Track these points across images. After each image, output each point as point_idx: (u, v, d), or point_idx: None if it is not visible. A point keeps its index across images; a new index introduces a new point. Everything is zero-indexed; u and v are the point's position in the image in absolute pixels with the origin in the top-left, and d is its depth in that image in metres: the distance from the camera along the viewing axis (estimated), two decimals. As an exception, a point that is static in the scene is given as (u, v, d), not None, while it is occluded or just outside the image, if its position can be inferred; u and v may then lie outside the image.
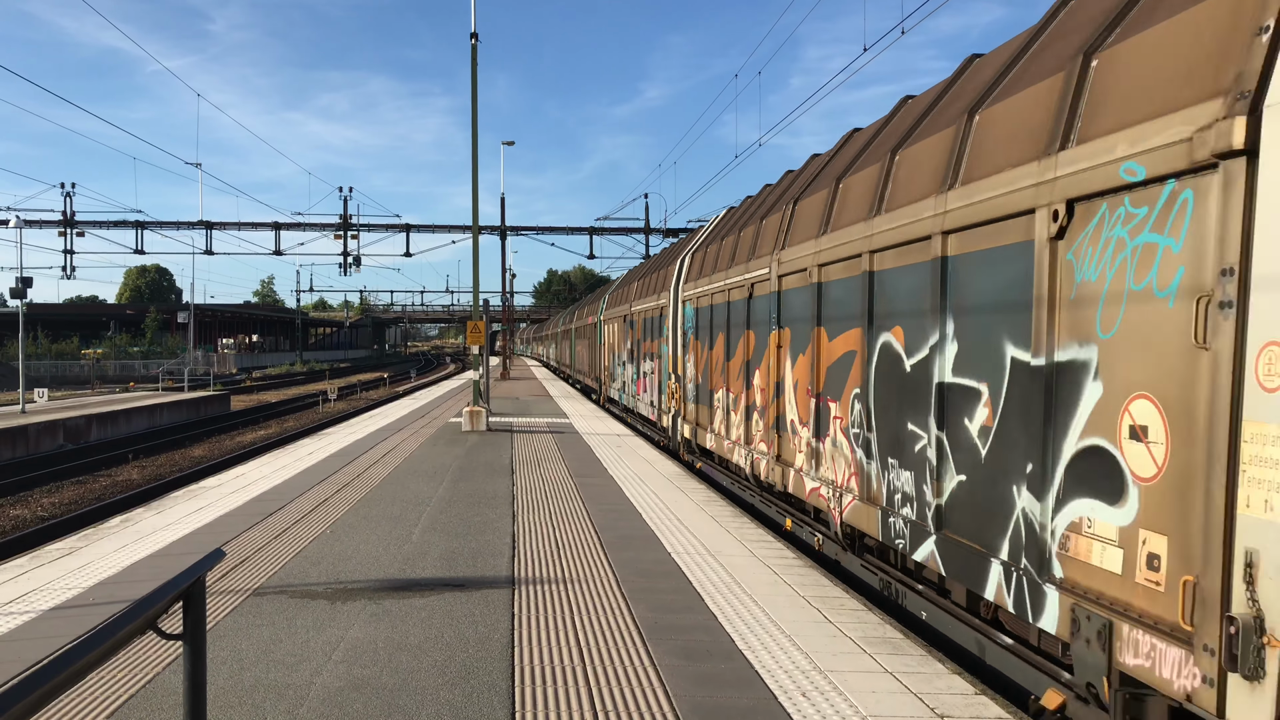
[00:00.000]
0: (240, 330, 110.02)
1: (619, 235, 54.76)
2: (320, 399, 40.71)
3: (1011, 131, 6.16)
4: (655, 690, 5.58)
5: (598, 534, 10.12)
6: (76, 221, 52.36)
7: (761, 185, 16.28)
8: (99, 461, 22.88)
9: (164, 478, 20.84)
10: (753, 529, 10.50)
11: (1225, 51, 4.30)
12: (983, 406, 6.25)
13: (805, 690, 5.57)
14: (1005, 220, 5.99)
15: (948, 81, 8.31)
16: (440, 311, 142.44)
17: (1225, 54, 4.30)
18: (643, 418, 23.40)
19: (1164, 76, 4.71)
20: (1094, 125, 5.23)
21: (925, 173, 7.34)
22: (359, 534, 10.05)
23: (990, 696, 5.52)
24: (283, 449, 18.86)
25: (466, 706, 5.31)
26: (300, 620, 6.94)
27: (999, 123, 6.40)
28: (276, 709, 5.27)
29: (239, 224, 55.36)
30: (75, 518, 15.78)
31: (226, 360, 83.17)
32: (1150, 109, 4.71)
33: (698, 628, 6.82)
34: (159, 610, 3.42)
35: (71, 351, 75.01)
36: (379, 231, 55.97)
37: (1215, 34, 4.41)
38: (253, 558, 8.98)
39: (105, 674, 5.79)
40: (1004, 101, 6.41)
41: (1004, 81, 6.68)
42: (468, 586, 7.91)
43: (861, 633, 6.71)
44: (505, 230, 49.96)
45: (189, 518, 11.14)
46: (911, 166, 7.66)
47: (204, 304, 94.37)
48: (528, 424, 23.68)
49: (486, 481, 13.88)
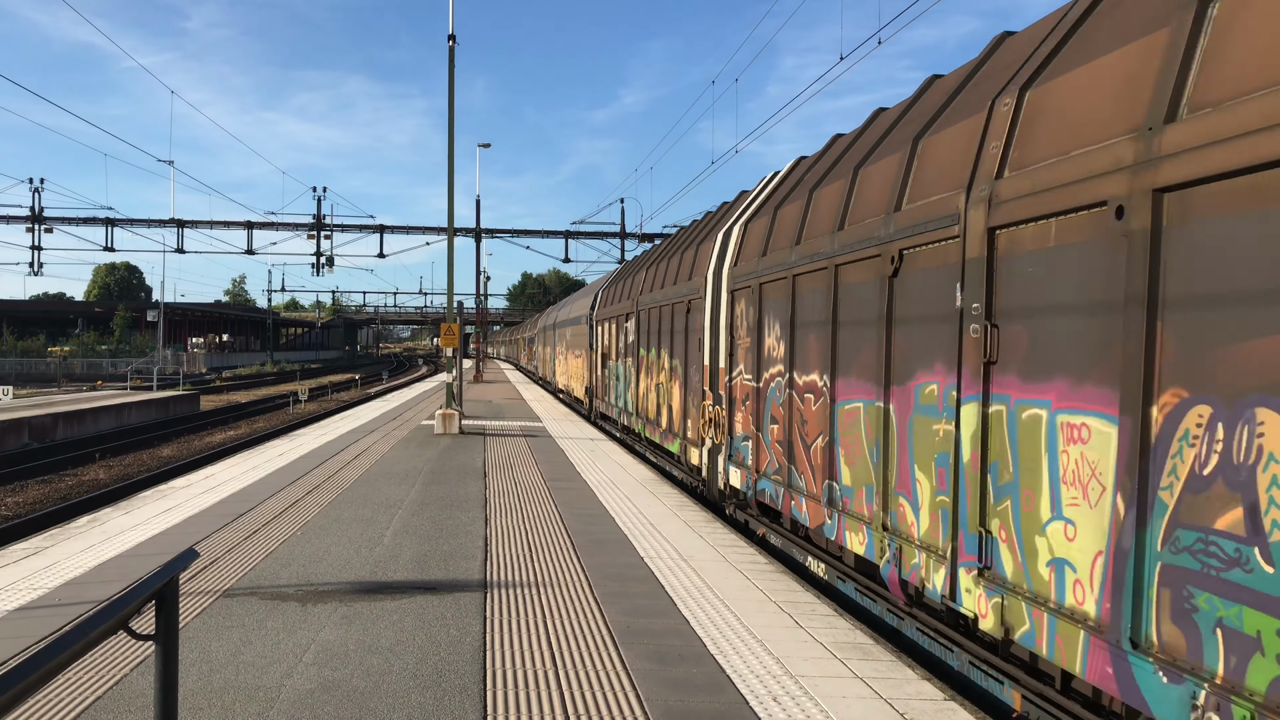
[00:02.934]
0: (211, 330, 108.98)
1: (594, 239, 54.69)
2: (291, 400, 40.41)
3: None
4: (627, 693, 5.60)
5: (570, 538, 10.12)
6: (45, 217, 51.66)
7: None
8: (65, 460, 22.58)
9: (132, 477, 20.60)
10: (725, 534, 10.54)
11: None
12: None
13: (776, 695, 5.61)
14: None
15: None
16: (413, 313, 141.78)
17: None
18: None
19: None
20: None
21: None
22: (330, 536, 10.00)
23: (959, 702, 5.58)
24: (253, 450, 18.71)
25: (438, 709, 5.31)
26: (271, 622, 6.90)
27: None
28: (247, 711, 5.24)
29: (211, 222, 54.74)
30: (41, 517, 15.57)
31: (196, 360, 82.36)
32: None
33: (670, 632, 6.84)
34: (131, 611, 3.41)
35: (38, 349, 74.03)
36: (353, 232, 55.53)
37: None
38: (223, 559, 8.91)
39: (73, 675, 5.73)
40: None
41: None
42: (440, 589, 7.90)
43: (832, 638, 6.76)
44: (480, 232, 49.80)
45: (158, 518, 11.04)
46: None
47: (174, 302, 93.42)
48: (501, 427, 23.63)
49: (459, 485, 13.84)
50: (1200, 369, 4.35)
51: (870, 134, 9.35)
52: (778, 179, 12.81)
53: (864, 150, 9.02)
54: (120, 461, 23.53)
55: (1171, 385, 4.52)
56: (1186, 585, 4.35)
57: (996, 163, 6.12)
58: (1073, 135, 5.41)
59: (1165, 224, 4.58)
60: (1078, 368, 5.23)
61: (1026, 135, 5.95)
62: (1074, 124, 5.44)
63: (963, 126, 6.83)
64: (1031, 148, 5.82)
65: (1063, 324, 5.39)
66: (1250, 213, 4.10)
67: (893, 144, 8.22)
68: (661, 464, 17.47)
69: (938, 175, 7.03)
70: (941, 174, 6.97)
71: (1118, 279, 4.88)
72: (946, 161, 6.97)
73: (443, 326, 22.93)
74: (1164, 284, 4.58)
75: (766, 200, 12.34)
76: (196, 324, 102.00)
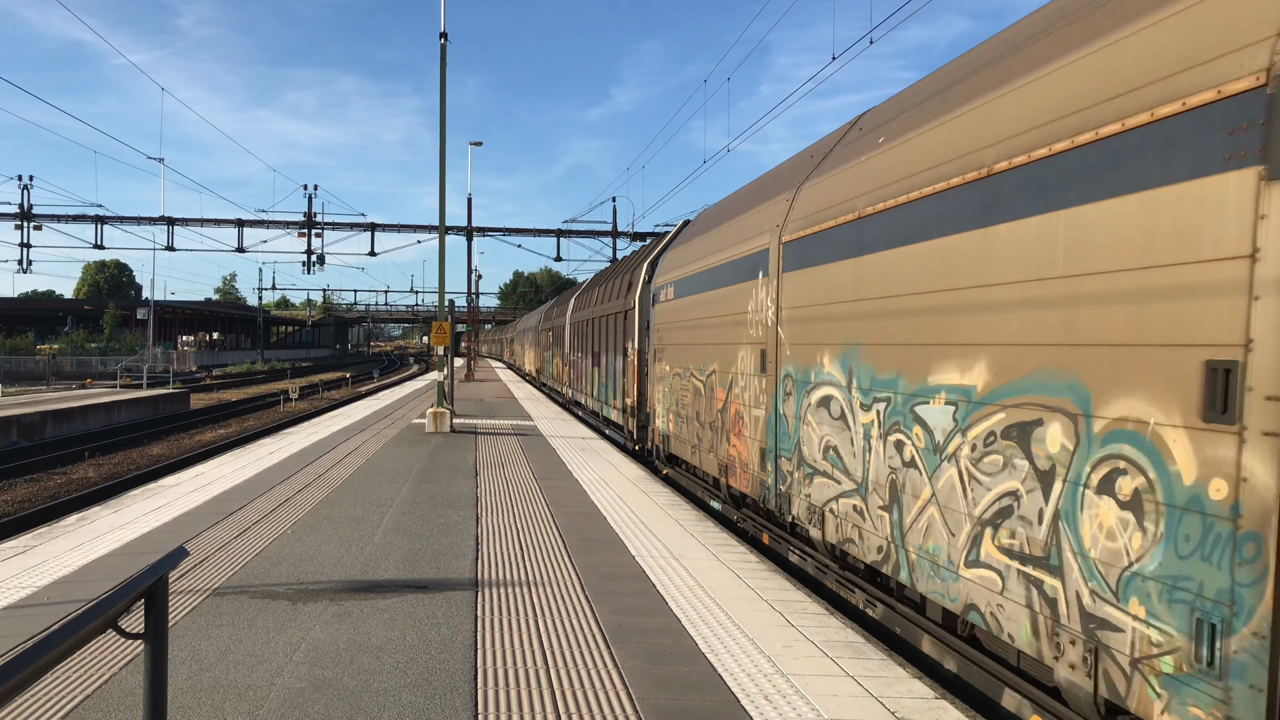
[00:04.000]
0: (201, 328, 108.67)
1: (586, 238, 54.68)
2: (281, 398, 40.32)
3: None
4: (619, 692, 5.59)
5: (562, 536, 10.11)
6: (34, 215, 51.41)
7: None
8: (54, 459, 22.49)
9: (121, 476, 20.52)
10: (717, 533, 10.54)
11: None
12: None
13: (767, 693, 5.61)
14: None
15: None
16: (404, 312, 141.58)
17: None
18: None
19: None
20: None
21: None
22: (321, 534, 9.97)
23: (950, 701, 5.58)
24: (243, 448, 18.65)
25: (429, 708, 5.29)
26: (261, 620, 6.87)
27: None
28: (237, 710, 5.22)
29: (201, 220, 54.59)
30: (29, 515, 15.49)
31: (186, 358, 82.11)
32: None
33: (661, 630, 6.84)
34: (120, 609, 3.38)
35: (26, 347, 73.72)
36: (343, 230, 55.45)
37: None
38: (213, 557, 8.88)
39: (61, 674, 5.70)
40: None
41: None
42: (431, 588, 7.88)
43: (823, 636, 6.76)
44: (472, 231, 49.69)
45: (147, 516, 10.99)
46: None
47: (164, 300, 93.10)
48: (492, 426, 23.60)
49: (450, 483, 13.82)
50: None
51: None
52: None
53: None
54: (109, 460, 23.44)
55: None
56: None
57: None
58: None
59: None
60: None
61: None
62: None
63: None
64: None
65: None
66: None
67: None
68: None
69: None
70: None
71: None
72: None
73: (434, 325, 22.89)
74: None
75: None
76: (187, 322, 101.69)
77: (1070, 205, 5.01)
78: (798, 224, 9.21)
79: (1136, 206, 4.52)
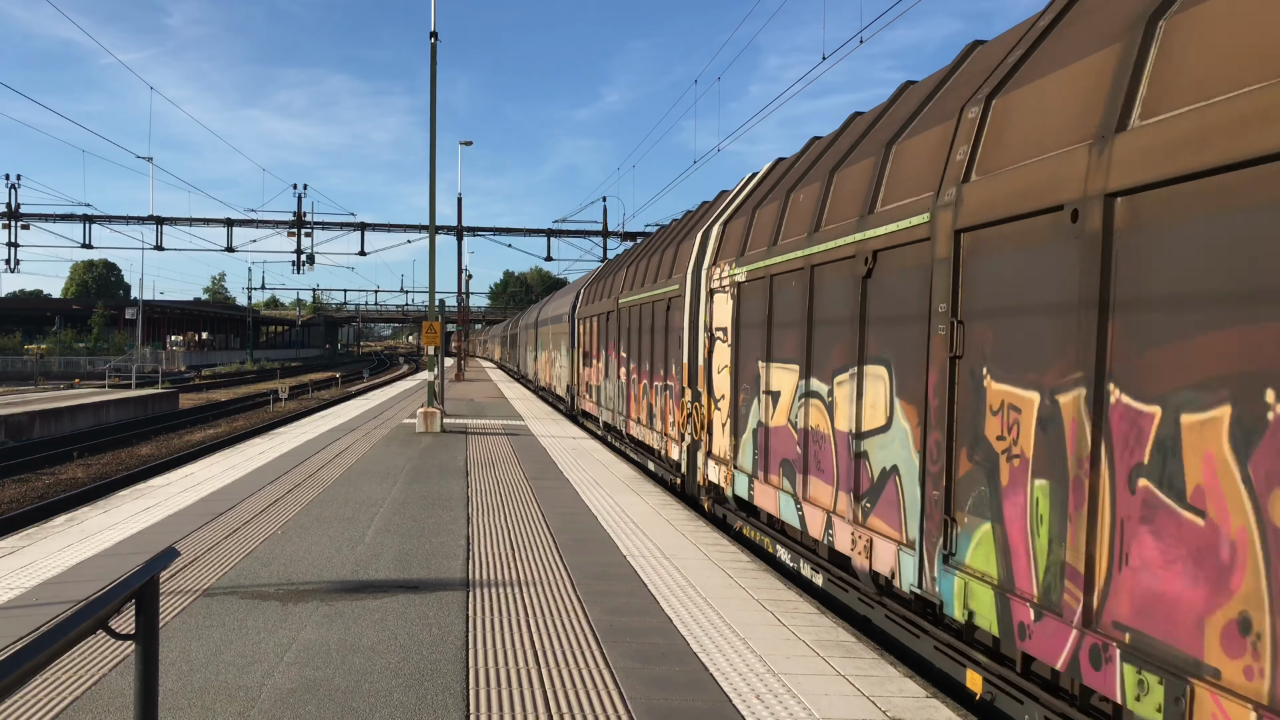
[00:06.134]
0: (190, 327, 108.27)
1: (577, 238, 54.64)
2: (271, 398, 40.19)
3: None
4: (610, 692, 5.59)
5: (553, 536, 10.10)
6: (22, 214, 51.13)
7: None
8: (42, 459, 22.39)
9: (110, 476, 20.44)
10: (708, 533, 10.55)
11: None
12: None
13: (759, 693, 5.62)
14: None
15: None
16: (394, 311, 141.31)
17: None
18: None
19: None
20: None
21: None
22: (311, 535, 9.94)
23: (941, 699, 5.60)
24: (232, 448, 18.59)
25: (421, 708, 5.29)
26: (251, 621, 6.86)
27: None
28: (227, 711, 5.20)
29: (190, 219, 54.34)
30: (17, 516, 15.42)
31: (175, 358, 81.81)
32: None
33: (653, 630, 6.84)
34: (111, 610, 3.37)
35: (14, 346, 73.35)
36: (333, 229, 55.24)
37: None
38: (203, 558, 8.85)
39: (51, 675, 5.68)
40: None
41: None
42: (422, 588, 7.87)
43: (815, 636, 6.78)
44: (462, 230, 49.61)
45: (136, 517, 10.95)
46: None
47: (153, 300, 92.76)
48: (483, 426, 23.57)
49: (441, 483, 13.80)
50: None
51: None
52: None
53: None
54: (98, 460, 23.34)
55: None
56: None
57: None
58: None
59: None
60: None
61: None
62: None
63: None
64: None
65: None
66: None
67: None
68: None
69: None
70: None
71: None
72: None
73: (424, 325, 22.86)
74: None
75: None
76: (175, 322, 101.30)
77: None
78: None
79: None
